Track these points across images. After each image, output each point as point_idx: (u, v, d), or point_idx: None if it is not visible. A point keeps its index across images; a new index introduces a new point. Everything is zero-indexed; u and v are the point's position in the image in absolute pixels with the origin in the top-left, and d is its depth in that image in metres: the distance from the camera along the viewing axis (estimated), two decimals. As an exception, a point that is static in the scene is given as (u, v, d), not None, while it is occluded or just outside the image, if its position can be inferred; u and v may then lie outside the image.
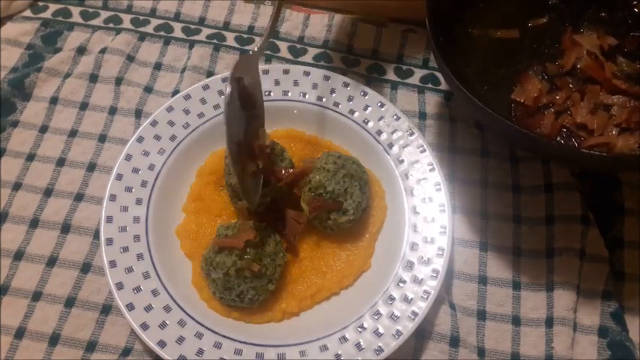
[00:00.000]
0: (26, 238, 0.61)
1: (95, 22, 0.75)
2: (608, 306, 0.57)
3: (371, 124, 0.65)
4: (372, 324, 0.54)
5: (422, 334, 0.57)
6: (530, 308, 0.58)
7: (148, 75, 0.71)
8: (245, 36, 0.75)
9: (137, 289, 0.55)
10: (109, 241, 0.57)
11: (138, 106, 0.69)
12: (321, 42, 0.75)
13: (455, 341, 0.56)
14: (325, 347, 0.53)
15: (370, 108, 0.66)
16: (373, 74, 0.72)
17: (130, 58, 0.72)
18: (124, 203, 0.59)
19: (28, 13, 0.76)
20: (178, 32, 0.75)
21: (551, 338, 0.56)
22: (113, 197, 0.59)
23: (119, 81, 0.70)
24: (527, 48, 0.68)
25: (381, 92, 0.67)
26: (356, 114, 0.65)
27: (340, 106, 0.66)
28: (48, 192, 0.63)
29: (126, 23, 0.75)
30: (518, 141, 0.60)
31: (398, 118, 0.65)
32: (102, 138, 0.67)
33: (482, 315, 0.58)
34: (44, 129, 0.67)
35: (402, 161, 0.62)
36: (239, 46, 0.74)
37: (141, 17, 0.76)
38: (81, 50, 0.72)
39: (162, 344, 0.52)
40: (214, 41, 0.74)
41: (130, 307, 0.54)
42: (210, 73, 0.71)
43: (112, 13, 0.76)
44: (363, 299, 0.56)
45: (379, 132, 0.64)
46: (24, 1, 0.76)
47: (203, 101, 0.65)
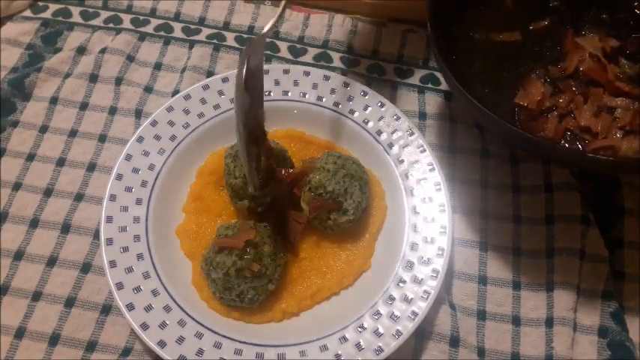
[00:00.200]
0: (26, 238, 0.61)
1: (95, 22, 0.75)
2: (608, 306, 0.57)
3: (371, 124, 0.65)
4: (372, 324, 0.54)
5: (422, 334, 0.57)
6: (530, 308, 0.58)
7: (148, 75, 0.71)
8: (245, 36, 0.75)
9: (137, 289, 0.55)
10: (109, 241, 0.57)
11: (138, 106, 0.69)
12: (321, 42, 0.75)
13: (455, 341, 0.56)
14: (325, 347, 0.53)
15: (370, 108, 0.66)
16: (373, 74, 0.72)
17: (130, 58, 0.72)
18: (124, 203, 0.59)
19: (28, 13, 0.76)
20: (178, 32, 0.75)
21: (551, 338, 0.56)
22: (113, 197, 0.59)
23: (119, 81, 0.70)
24: (529, 51, 0.68)
25: (381, 92, 0.67)
26: (356, 114, 0.65)
27: (340, 106, 0.66)
28: (48, 192, 0.63)
29: (126, 23, 0.75)
30: (522, 145, 0.60)
31: (398, 118, 0.65)
32: (102, 138, 0.67)
33: (482, 315, 0.58)
34: (44, 129, 0.67)
35: (402, 161, 0.62)
36: (239, 46, 0.74)
37: (141, 17, 0.76)
38: (81, 50, 0.72)
39: (162, 344, 0.52)
40: (214, 41, 0.74)
41: (130, 307, 0.54)
42: (210, 73, 0.71)
43: (112, 13, 0.76)
44: (363, 299, 0.56)
45: (379, 132, 0.64)
46: (24, 1, 0.76)
47: (203, 101, 0.65)
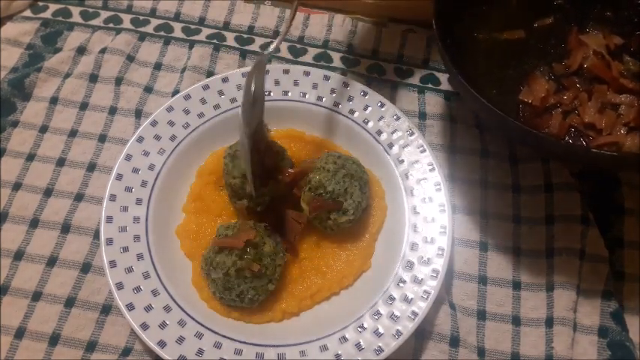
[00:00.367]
0: (26, 238, 0.61)
1: (95, 22, 0.75)
2: (608, 306, 0.57)
3: (371, 124, 0.65)
4: (372, 324, 0.54)
5: (422, 334, 0.57)
6: (530, 308, 0.58)
7: (148, 75, 0.71)
8: (245, 36, 0.75)
9: (137, 289, 0.55)
10: (109, 241, 0.57)
11: (138, 106, 0.69)
12: (321, 42, 0.75)
13: (455, 341, 0.56)
14: (325, 347, 0.53)
15: (370, 108, 0.66)
16: (373, 74, 0.72)
17: (130, 58, 0.72)
18: (124, 203, 0.59)
19: (28, 13, 0.76)
20: (178, 32, 0.75)
21: (551, 338, 0.56)
22: (113, 197, 0.59)
23: (119, 81, 0.70)
24: (533, 49, 0.68)
25: (381, 92, 0.67)
26: (356, 114, 0.65)
27: (340, 106, 0.66)
28: (48, 192, 0.63)
29: (126, 23, 0.75)
30: (527, 142, 0.60)
31: (398, 118, 0.65)
32: (102, 138, 0.67)
33: (482, 315, 0.58)
34: (44, 129, 0.67)
35: (402, 161, 0.62)
36: (239, 46, 0.74)
37: (141, 17, 0.76)
38: (81, 50, 0.72)
39: (162, 344, 0.52)
40: (214, 41, 0.74)
41: (130, 307, 0.54)
42: (210, 73, 0.71)
43: (112, 13, 0.76)
44: (363, 299, 0.56)
45: (379, 132, 0.64)
46: (24, 1, 0.76)
47: (203, 101, 0.65)
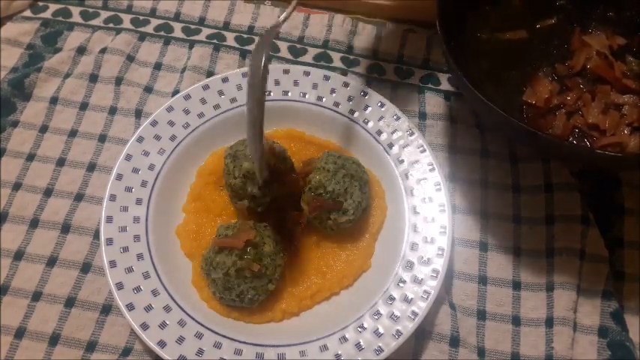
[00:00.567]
0: (26, 238, 0.61)
1: (95, 22, 0.75)
2: (608, 306, 0.57)
3: (371, 124, 0.65)
4: (372, 324, 0.54)
5: (422, 334, 0.57)
6: (530, 308, 0.58)
7: (148, 75, 0.71)
8: (245, 36, 0.75)
9: (137, 289, 0.55)
10: (109, 241, 0.57)
11: (138, 106, 0.69)
12: (321, 42, 0.75)
13: (455, 341, 0.56)
14: (325, 347, 0.53)
15: (370, 108, 0.66)
16: (373, 74, 0.72)
17: (130, 58, 0.72)
18: (124, 203, 0.59)
19: (28, 13, 0.76)
20: (178, 32, 0.75)
21: (551, 338, 0.56)
22: (113, 197, 0.59)
23: (119, 81, 0.70)
24: (536, 49, 0.68)
25: (381, 92, 0.67)
26: (356, 114, 0.65)
27: (340, 106, 0.66)
28: (48, 192, 0.63)
29: (126, 23, 0.75)
30: (531, 143, 0.60)
31: (398, 118, 0.65)
32: (102, 138, 0.67)
33: (482, 315, 0.58)
34: (44, 129, 0.67)
35: (402, 161, 0.62)
36: (239, 46, 0.74)
37: (141, 17, 0.76)
38: (81, 50, 0.72)
39: (162, 344, 0.52)
40: (214, 41, 0.74)
41: (130, 307, 0.54)
42: (210, 73, 0.71)
43: (112, 13, 0.76)
44: (363, 299, 0.56)
45: (379, 132, 0.64)
46: (24, 1, 0.76)
47: (203, 101, 0.65)
